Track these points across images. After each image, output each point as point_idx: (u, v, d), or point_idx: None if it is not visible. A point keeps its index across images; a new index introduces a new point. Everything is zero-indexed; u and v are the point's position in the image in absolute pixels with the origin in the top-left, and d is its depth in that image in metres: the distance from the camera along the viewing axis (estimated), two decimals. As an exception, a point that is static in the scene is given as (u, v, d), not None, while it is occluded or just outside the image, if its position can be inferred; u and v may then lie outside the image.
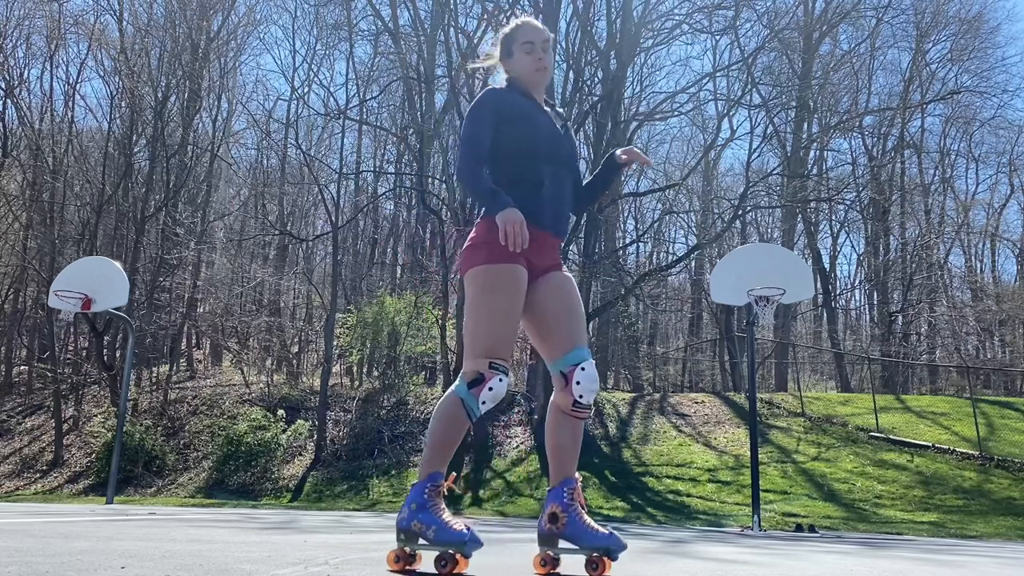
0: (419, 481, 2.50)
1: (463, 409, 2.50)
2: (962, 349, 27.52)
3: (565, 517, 2.55)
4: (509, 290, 2.54)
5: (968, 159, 31.50)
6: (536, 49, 2.75)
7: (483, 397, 2.50)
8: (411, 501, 2.48)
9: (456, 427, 2.53)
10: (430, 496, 2.47)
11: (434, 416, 2.56)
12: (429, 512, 2.45)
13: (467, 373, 2.53)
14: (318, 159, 26.74)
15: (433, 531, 2.42)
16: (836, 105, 26.08)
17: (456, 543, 2.39)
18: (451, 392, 2.55)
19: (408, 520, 2.47)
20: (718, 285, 11.23)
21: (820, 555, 4.69)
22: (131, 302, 18.32)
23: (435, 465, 2.51)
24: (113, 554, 2.82)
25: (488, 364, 2.51)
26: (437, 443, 2.52)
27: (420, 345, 21.07)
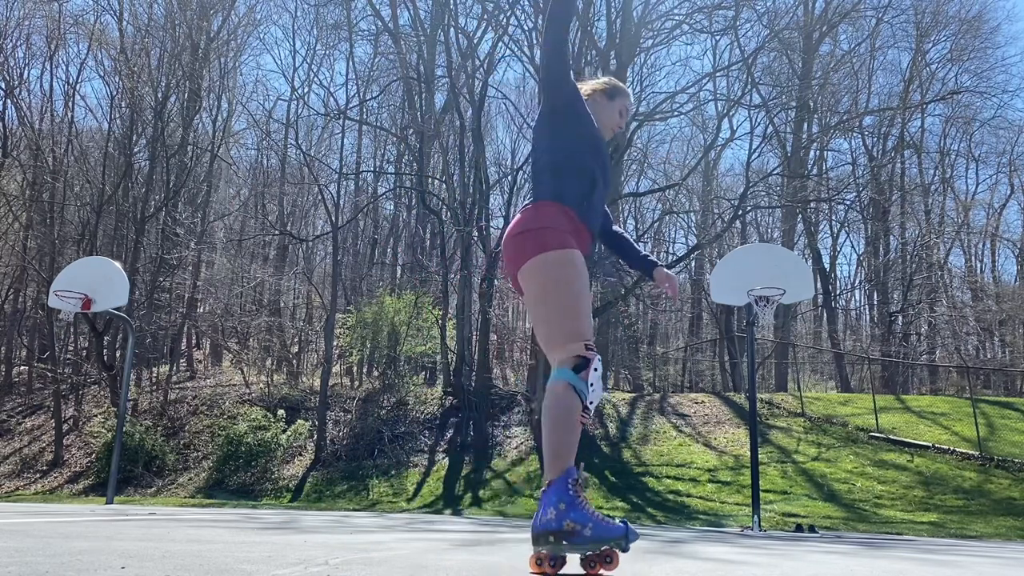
0: (557, 479, 2.36)
1: (576, 395, 2.41)
2: (962, 349, 27.52)
3: None
4: (581, 272, 2.54)
5: (968, 159, 31.55)
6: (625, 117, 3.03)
7: (592, 379, 2.44)
8: (556, 501, 2.34)
9: (575, 415, 2.41)
10: (575, 492, 2.35)
11: (549, 411, 2.43)
12: (580, 510, 2.32)
13: (566, 360, 2.45)
14: (318, 159, 26.75)
15: (590, 529, 2.29)
16: (836, 105, 26.09)
17: (616, 537, 2.29)
18: (558, 382, 2.44)
19: (559, 520, 2.31)
20: (718, 285, 11.23)
21: (820, 555, 4.69)
22: (131, 302, 18.32)
23: (567, 460, 2.39)
24: (113, 554, 2.82)
25: (584, 346, 2.46)
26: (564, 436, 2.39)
27: (420, 345, 21.07)
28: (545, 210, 2.59)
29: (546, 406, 2.45)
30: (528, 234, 2.57)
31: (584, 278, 2.55)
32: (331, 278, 22.98)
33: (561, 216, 2.58)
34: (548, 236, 2.53)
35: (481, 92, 21.81)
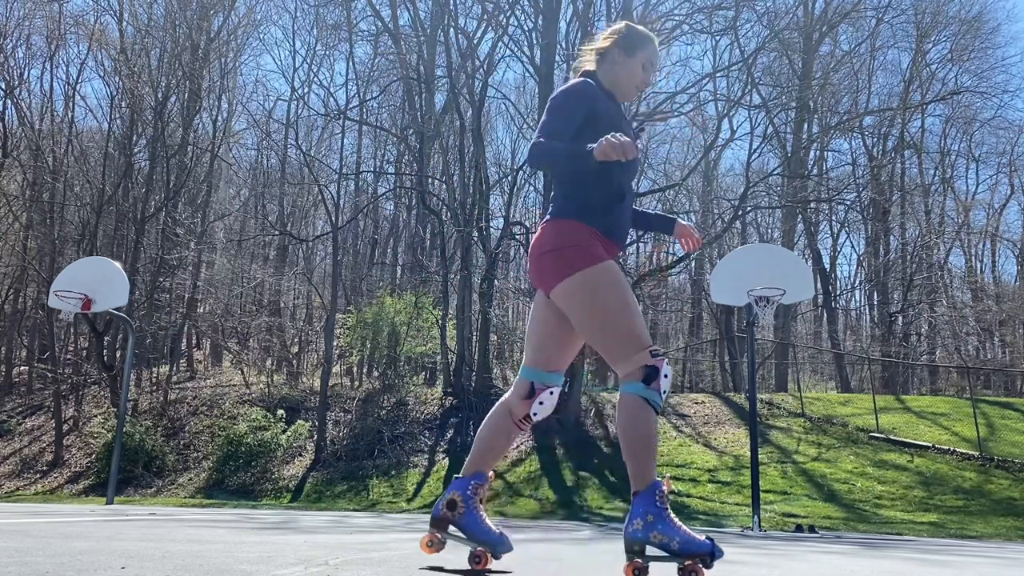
0: (644, 491, 2.35)
1: (649, 406, 2.39)
2: (962, 349, 27.51)
3: (463, 507, 2.61)
4: (619, 280, 2.45)
5: (968, 159, 31.53)
6: (651, 72, 2.70)
7: (663, 386, 2.41)
8: (644, 513, 2.32)
9: (651, 426, 2.40)
10: (662, 504, 2.33)
11: (624, 426, 2.41)
12: (667, 522, 2.30)
13: (634, 372, 2.40)
14: (318, 159, 26.75)
15: (677, 542, 2.28)
16: (836, 105, 26.09)
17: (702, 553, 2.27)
18: (629, 396, 2.41)
19: (645, 532, 2.30)
20: (718, 285, 11.23)
21: (820, 555, 4.69)
22: (131, 302, 18.32)
23: (651, 472, 2.38)
24: (113, 554, 2.82)
25: (650, 354, 2.41)
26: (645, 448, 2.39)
27: (420, 346, 21.07)
28: (570, 228, 2.48)
29: (622, 422, 2.43)
30: (554, 254, 2.47)
31: (625, 284, 2.46)
32: (331, 278, 22.99)
33: (583, 232, 2.48)
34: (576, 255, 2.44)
35: (481, 92, 21.81)
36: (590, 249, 2.45)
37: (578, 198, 2.51)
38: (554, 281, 2.47)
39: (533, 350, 2.63)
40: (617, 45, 2.65)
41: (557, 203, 2.55)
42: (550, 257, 2.47)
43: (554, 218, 2.52)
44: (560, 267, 2.45)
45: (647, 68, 2.67)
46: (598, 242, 2.49)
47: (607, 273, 2.44)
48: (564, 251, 2.45)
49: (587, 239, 2.47)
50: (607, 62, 2.67)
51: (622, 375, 2.44)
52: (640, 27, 2.73)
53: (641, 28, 2.72)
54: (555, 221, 2.51)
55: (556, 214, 2.52)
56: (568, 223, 2.49)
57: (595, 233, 2.49)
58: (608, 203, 2.52)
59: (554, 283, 2.47)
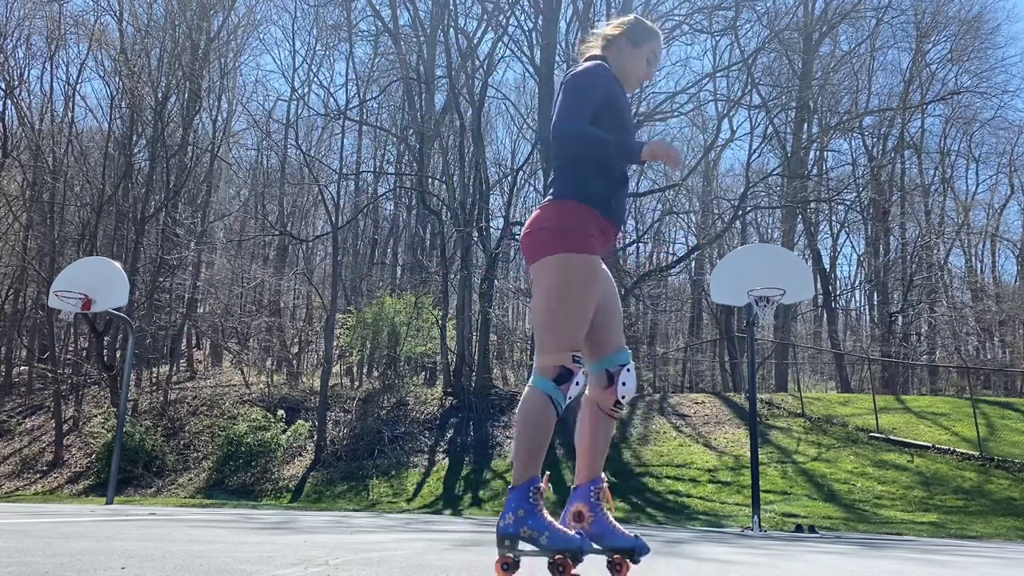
0: (519, 485, 2.39)
1: (552, 406, 2.42)
2: (962, 349, 27.52)
3: (592, 516, 2.54)
4: (591, 281, 2.46)
5: (968, 159, 31.54)
6: (655, 64, 2.75)
7: (571, 393, 2.44)
8: (516, 507, 2.36)
9: (549, 426, 2.43)
10: (535, 500, 2.37)
11: (522, 419, 2.44)
12: (538, 517, 2.35)
13: (549, 368, 2.43)
14: (318, 159, 26.75)
15: (546, 536, 2.32)
16: (836, 105, 26.09)
17: (571, 548, 2.30)
18: (536, 391, 2.44)
19: (516, 526, 2.35)
20: (718, 285, 11.23)
21: (820, 556, 4.69)
22: (131, 302, 18.32)
23: (533, 469, 2.41)
24: (113, 554, 2.82)
25: (572, 358, 2.43)
26: (532, 446, 2.41)
27: (420, 346, 21.07)
28: (567, 209, 2.49)
29: (521, 413, 2.45)
30: (546, 232, 2.48)
31: (594, 287, 2.47)
32: (331, 278, 22.99)
33: (585, 216, 2.48)
34: (566, 237, 2.45)
35: (481, 92, 21.81)
36: (586, 238, 2.47)
37: (586, 182, 2.52)
38: (543, 253, 2.47)
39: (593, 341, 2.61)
40: (625, 35, 2.69)
41: (562, 185, 2.55)
42: (549, 232, 2.48)
43: (558, 198, 2.53)
44: (548, 243, 2.46)
45: (651, 62, 2.72)
46: (597, 227, 2.51)
47: (586, 268, 2.46)
48: (564, 231, 2.46)
49: (586, 223, 2.48)
50: (614, 50, 2.70)
51: (537, 366, 2.46)
52: (648, 21, 2.77)
53: (649, 23, 2.77)
54: (560, 201, 2.52)
55: (561, 195, 2.53)
56: (573, 205, 2.50)
57: (596, 216, 2.51)
58: (612, 188, 2.55)
59: (542, 255, 2.48)
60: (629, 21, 2.73)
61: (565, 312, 2.44)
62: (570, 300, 2.44)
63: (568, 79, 2.57)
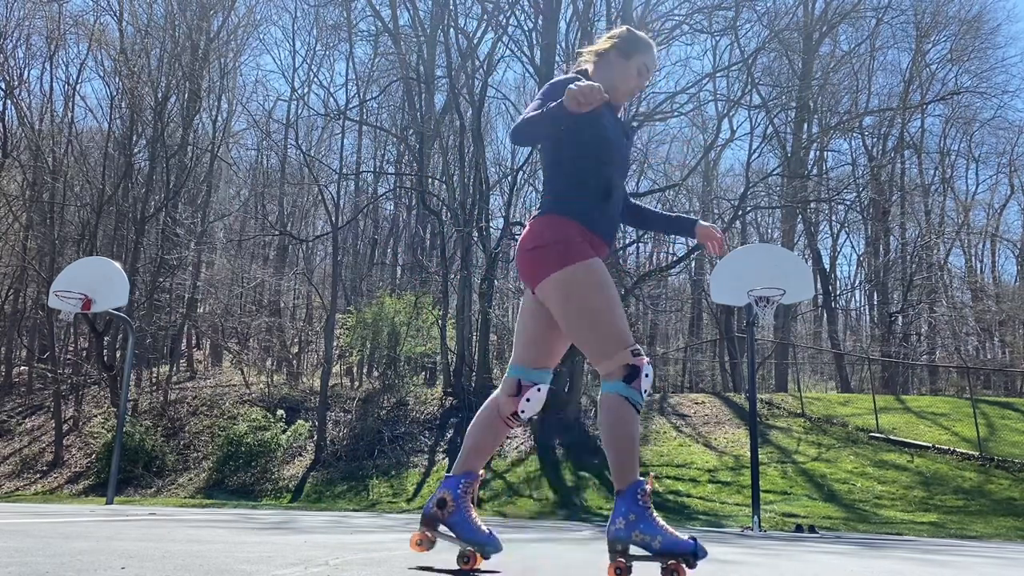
0: (625, 490, 2.36)
1: (630, 405, 2.40)
2: (962, 349, 27.51)
3: (454, 506, 2.60)
4: (602, 278, 2.45)
5: (968, 159, 31.54)
6: (646, 77, 2.72)
7: (644, 386, 2.41)
8: (627, 512, 2.34)
9: (633, 425, 2.41)
10: (644, 503, 2.34)
11: (606, 426, 2.42)
12: (649, 521, 2.32)
13: (616, 371, 2.40)
14: (318, 159, 26.74)
15: (659, 541, 2.29)
16: (836, 105, 26.09)
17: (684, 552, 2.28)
18: (610, 396, 2.41)
19: (627, 531, 2.32)
20: (718, 285, 11.23)
21: (820, 555, 4.69)
22: (131, 302, 18.32)
23: (633, 472, 2.39)
24: (113, 554, 2.82)
25: (631, 353, 2.41)
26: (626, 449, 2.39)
27: (420, 346, 21.07)
28: (553, 224, 2.49)
29: (604, 421, 2.44)
30: (539, 251, 2.47)
31: (610, 283, 2.46)
32: (331, 278, 22.99)
33: (568, 228, 2.48)
34: (561, 251, 2.45)
35: (481, 92, 21.81)
36: (576, 246, 2.45)
37: (566, 195, 2.52)
38: (540, 277, 2.47)
39: (521, 347, 2.64)
40: (615, 48, 2.68)
41: (546, 200, 2.56)
42: (537, 253, 2.48)
43: (542, 214, 2.54)
44: (546, 263, 2.46)
45: (642, 73, 2.69)
46: (585, 239, 2.49)
47: (592, 271, 2.45)
48: (550, 247, 2.46)
49: (574, 236, 2.47)
50: (604, 63, 2.69)
51: (603, 374, 2.45)
52: (641, 33, 2.76)
53: (641, 34, 2.75)
54: (543, 217, 2.52)
55: (545, 210, 2.54)
56: (556, 219, 2.50)
57: (582, 230, 2.49)
58: (596, 199, 2.53)
59: (540, 279, 2.47)
60: (621, 33, 2.72)
61: (604, 317, 2.43)
62: (602, 303, 2.43)
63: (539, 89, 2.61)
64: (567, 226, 2.48)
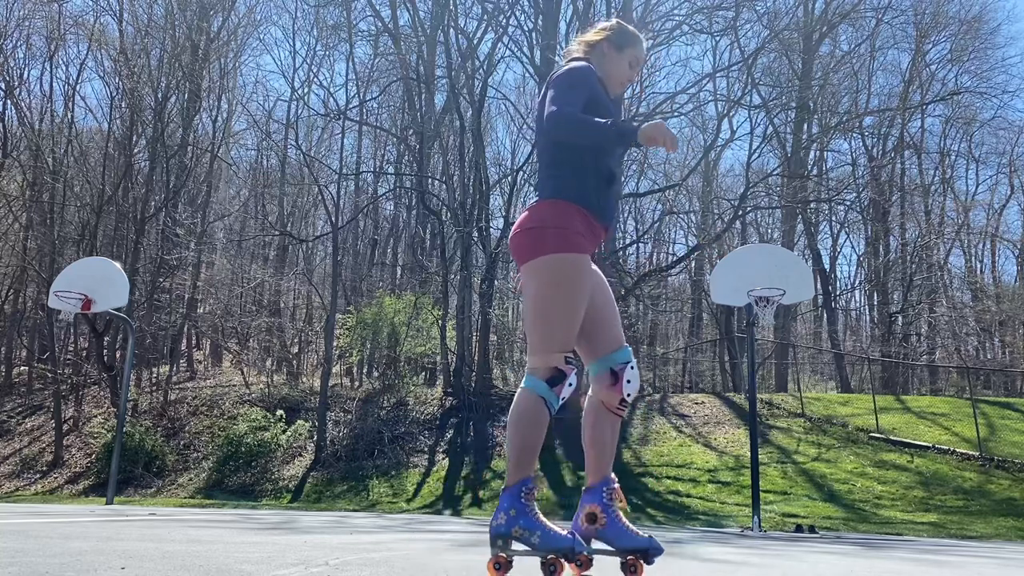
0: (511, 486, 2.41)
1: (545, 407, 2.42)
2: (962, 350, 27.51)
3: (604, 518, 2.54)
4: (582, 281, 2.46)
5: (968, 160, 31.53)
6: (637, 68, 2.78)
7: (564, 394, 2.44)
8: (508, 507, 2.39)
9: (541, 427, 2.44)
10: (527, 501, 2.39)
11: (515, 420, 2.45)
12: (530, 517, 2.37)
13: (541, 369, 2.43)
14: (318, 160, 26.74)
15: (537, 536, 2.34)
16: (836, 106, 26.08)
17: (563, 548, 2.31)
18: (528, 392, 2.45)
19: (508, 526, 2.37)
20: (718, 286, 11.24)
21: (820, 555, 4.69)
22: (131, 303, 18.31)
23: (525, 470, 2.43)
24: (113, 554, 2.82)
25: (564, 359, 2.43)
26: (525, 447, 2.43)
27: (420, 346, 21.06)
28: (554, 208, 2.49)
29: (513, 413, 2.46)
30: (535, 232, 2.48)
31: (585, 286, 2.47)
32: (331, 278, 22.98)
33: (574, 216, 2.48)
34: (553, 237, 2.45)
35: (481, 92, 21.81)
36: (571, 236, 2.46)
37: (570, 180, 2.53)
38: (529, 256, 2.48)
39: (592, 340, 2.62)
40: (607, 40, 2.72)
41: (548, 185, 2.56)
42: (533, 233, 2.49)
43: (545, 198, 2.53)
44: (538, 244, 2.47)
45: (633, 65, 2.75)
46: (586, 225, 2.50)
47: (574, 267, 2.45)
48: (546, 230, 2.47)
49: (574, 223, 2.48)
50: (596, 55, 2.72)
51: (529, 367, 2.47)
52: (630, 27, 2.80)
53: (631, 28, 2.79)
54: (546, 201, 2.53)
55: (548, 195, 2.53)
56: (559, 204, 2.50)
57: (584, 214, 2.50)
58: (599, 186, 2.54)
59: (528, 257, 2.48)
60: (612, 26, 2.76)
61: (556, 313, 2.44)
62: (561, 301, 2.44)
63: (556, 77, 2.58)
64: (570, 211, 2.49)
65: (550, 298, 2.44)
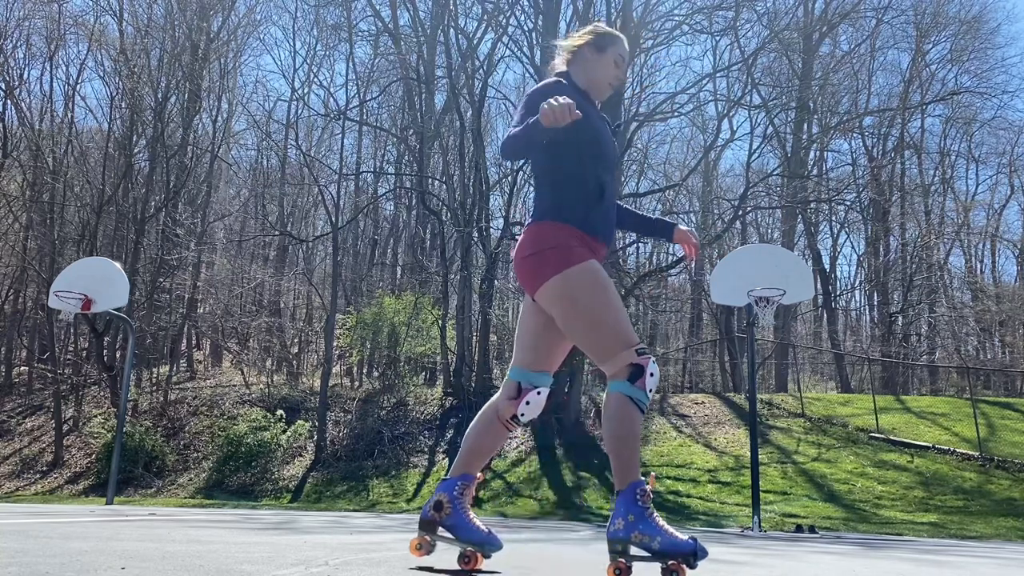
0: (625, 490, 2.36)
1: (634, 404, 2.39)
2: (962, 350, 27.51)
3: (450, 508, 2.59)
4: (600, 278, 2.45)
5: (968, 160, 31.54)
6: (623, 66, 2.75)
7: (649, 385, 2.41)
8: (625, 512, 2.34)
9: (636, 425, 2.41)
10: (644, 504, 2.34)
11: (610, 426, 2.42)
12: (648, 521, 2.32)
13: (620, 371, 2.40)
14: (318, 160, 26.73)
15: (658, 541, 2.29)
16: (836, 106, 26.07)
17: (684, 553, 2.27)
18: (615, 395, 2.41)
19: (627, 531, 2.32)
20: (718, 286, 11.24)
21: (820, 556, 4.69)
22: (131, 303, 18.31)
23: (634, 472, 2.39)
24: (113, 555, 2.82)
25: (635, 352, 2.41)
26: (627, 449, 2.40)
27: (420, 346, 21.06)
28: (545, 230, 2.49)
29: (607, 419, 2.44)
30: (535, 257, 2.47)
31: (608, 283, 2.46)
32: (331, 279, 22.98)
33: (564, 233, 2.48)
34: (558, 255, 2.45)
35: (481, 93, 21.81)
36: (570, 250, 2.45)
37: (557, 199, 2.52)
38: (537, 283, 2.47)
39: (521, 350, 2.64)
40: (588, 44, 2.71)
41: (537, 206, 2.56)
42: (532, 260, 2.48)
43: (535, 221, 2.53)
44: (542, 269, 2.46)
45: (619, 64, 2.72)
46: (580, 242, 2.49)
47: (588, 273, 2.44)
48: (544, 253, 2.46)
49: (567, 239, 2.47)
50: (579, 61, 2.72)
51: (609, 374, 2.44)
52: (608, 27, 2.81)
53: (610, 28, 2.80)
54: (536, 224, 2.52)
55: (538, 217, 2.53)
56: (548, 225, 2.50)
57: (576, 233, 2.49)
58: (587, 201, 2.52)
59: (537, 285, 2.47)
60: (590, 30, 2.75)
61: (606, 317, 2.43)
62: (604, 304, 2.43)
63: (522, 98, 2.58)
64: (563, 231, 2.48)
65: (592, 305, 2.43)
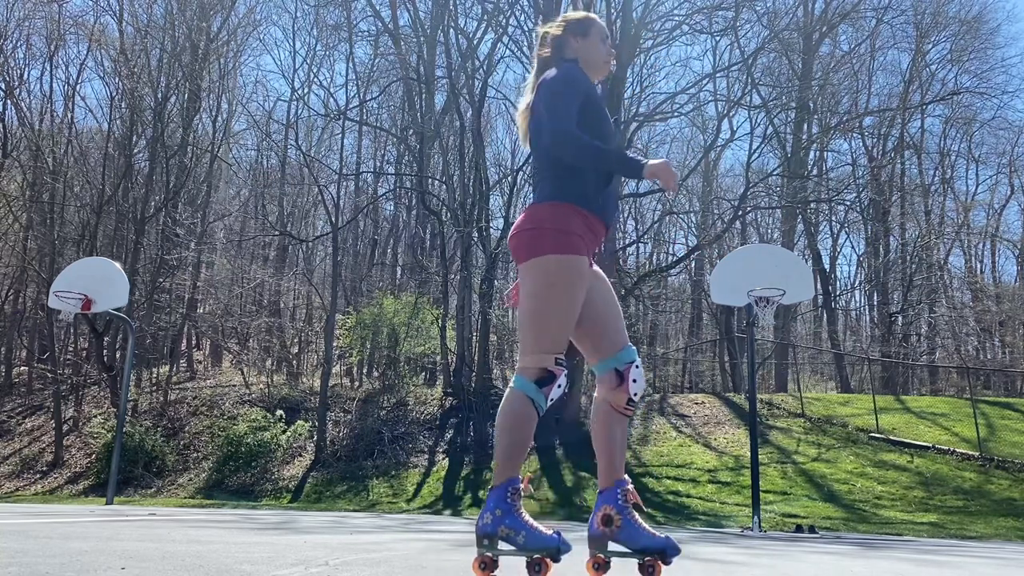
0: (498, 486, 2.40)
1: (533, 408, 2.42)
2: (962, 350, 27.51)
3: (620, 519, 2.52)
4: (578, 284, 2.45)
5: (968, 160, 31.54)
6: (607, 41, 2.75)
7: (553, 395, 2.44)
8: (493, 507, 2.39)
9: (528, 427, 2.43)
10: (512, 500, 2.39)
11: (502, 420, 2.45)
12: (515, 517, 2.37)
13: (531, 370, 2.44)
14: (318, 160, 26.73)
15: (523, 536, 2.34)
16: (836, 106, 26.07)
17: (547, 548, 2.32)
18: (516, 391, 2.45)
19: (494, 525, 2.37)
20: (718, 286, 11.24)
21: (820, 556, 4.69)
22: (131, 303, 18.32)
23: (511, 469, 2.42)
24: (113, 555, 2.82)
25: (555, 360, 2.43)
26: (511, 446, 2.42)
27: (420, 346, 21.06)
28: (551, 210, 2.49)
29: (501, 413, 2.46)
30: (533, 232, 2.48)
31: (580, 289, 2.46)
32: (331, 279, 22.98)
33: (572, 216, 2.48)
34: (552, 238, 2.45)
35: (481, 93, 21.81)
36: (569, 238, 2.46)
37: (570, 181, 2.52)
38: (527, 255, 2.48)
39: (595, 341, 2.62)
40: (569, 31, 2.71)
41: (547, 187, 2.55)
42: (531, 233, 2.49)
43: (542, 200, 2.53)
44: (536, 244, 2.46)
45: (604, 40, 2.74)
46: (585, 227, 2.50)
47: (570, 269, 2.45)
48: (545, 231, 2.46)
49: (573, 224, 2.47)
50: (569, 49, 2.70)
51: (519, 367, 2.47)
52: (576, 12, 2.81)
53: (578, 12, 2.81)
54: (544, 203, 2.52)
55: (545, 197, 2.53)
56: (557, 206, 2.50)
57: (584, 214, 2.50)
58: (598, 185, 2.54)
59: (526, 257, 2.48)
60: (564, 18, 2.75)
61: (550, 313, 2.44)
62: (554, 302, 2.44)
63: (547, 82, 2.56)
64: (569, 213, 2.49)
65: (545, 298, 2.44)
